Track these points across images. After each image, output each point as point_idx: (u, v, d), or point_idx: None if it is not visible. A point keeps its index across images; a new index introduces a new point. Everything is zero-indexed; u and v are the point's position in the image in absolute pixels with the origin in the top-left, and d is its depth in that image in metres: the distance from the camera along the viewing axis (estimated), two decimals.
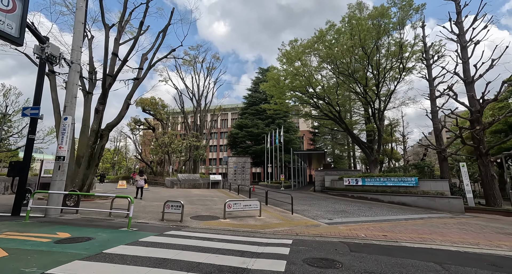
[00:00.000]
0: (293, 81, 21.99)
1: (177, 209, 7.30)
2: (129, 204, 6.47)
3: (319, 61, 20.17)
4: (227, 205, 8.04)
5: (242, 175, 24.62)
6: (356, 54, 19.28)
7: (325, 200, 15.60)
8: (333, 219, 8.77)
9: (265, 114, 47.61)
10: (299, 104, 28.68)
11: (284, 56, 19.99)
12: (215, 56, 30.85)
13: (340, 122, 24.18)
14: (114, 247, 4.13)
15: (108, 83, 11.73)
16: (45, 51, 6.65)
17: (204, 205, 11.09)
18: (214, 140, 72.40)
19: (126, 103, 12.98)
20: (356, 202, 15.07)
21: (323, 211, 10.74)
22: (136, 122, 27.76)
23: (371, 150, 23.65)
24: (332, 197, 18.09)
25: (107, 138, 12.57)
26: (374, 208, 12.45)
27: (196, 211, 9.30)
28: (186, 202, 12.00)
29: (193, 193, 17.01)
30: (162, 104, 29.70)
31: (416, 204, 14.33)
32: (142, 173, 14.01)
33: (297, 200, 14.79)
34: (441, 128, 20.71)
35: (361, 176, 19.07)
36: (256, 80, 52.91)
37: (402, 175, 16.78)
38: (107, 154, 65.78)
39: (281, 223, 7.57)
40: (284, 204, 12.21)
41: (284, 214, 9.43)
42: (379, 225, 7.81)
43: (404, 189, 15.70)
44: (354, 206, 12.72)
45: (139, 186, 13.03)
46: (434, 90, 21.48)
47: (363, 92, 21.50)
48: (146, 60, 13.91)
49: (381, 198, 16.36)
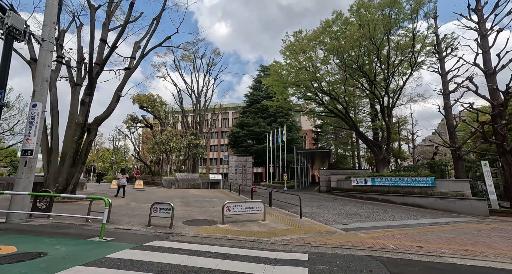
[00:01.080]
0: (297, 75, 20.80)
1: (167, 212, 6.13)
2: (109, 207, 5.29)
3: (325, 54, 18.96)
4: (226, 207, 6.87)
5: (243, 174, 23.45)
6: (365, 46, 18.07)
7: (333, 202, 14.40)
8: (348, 224, 7.58)
9: (267, 113, 46.45)
10: (303, 101, 27.49)
11: (288, 49, 18.79)
12: (215, 51, 29.77)
13: (346, 119, 22.96)
14: (63, 271, 2.97)
15: (96, 71, 10.60)
16: (5, 23, 5.50)
17: (201, 207, 9.92)
18: (215, 139, 71.34)
19: (116, 95, 11.84)
20: (367, 204, 13.85)
21: (335, 214, 9.55)
22: (133, 120, 26.62)
23: (379, 149, 22.43)
24: (340, 198, 16.88)
25: (95, 133, 11.43)
26: (389, 210, 11.24)
27: (191, 214, 8.13)
28: (181, 203, 10.84)
29: (190, 194, 15.86)
30: (160, 101, 28.56)
31: (433, 206, 13.10)
32: (124, 171, 13.79)
33: (303, 201, 13.59)
34: (455, 125, 19.49)
35: (371, 176, 17.85)
36: (257, 78, 51.76)
37: (416, 174, 15.55)
38: (106, 153, 64.91)
39: (290, 230, 6.39)
40: (290, 206, 11.03)
41: (291, 217, 8.25)
42: (404, 232, 6.62)
43: (418, 189, 14.48)
44: (366, 208, 11.51)
45: (121, 185, 12.76)
46: (447, 85, 20.27)
47: (370, 88, 20.29)
48: (139, 49, 12.78)
49: (393, 199, 15.14)
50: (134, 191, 16.99)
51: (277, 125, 39.99)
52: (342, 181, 20.83)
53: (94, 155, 59.20)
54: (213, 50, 30.09)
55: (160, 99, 28.67)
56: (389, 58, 17.89)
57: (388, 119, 21.31)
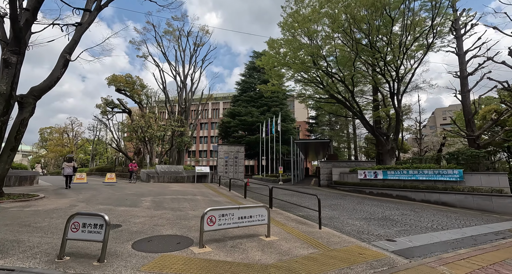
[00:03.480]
0: (296, 54, 17.96)
1: (95, 233, 3.36)
2: None
3: (332, 26, 16.18)
4: (207, 219, 4.17)
5: (234, 167, 20.74)
6: (379, 16, 15.41)
7: (344, 199, 11.98)
8: (394, 238, 5.07)
9: (260, 102, 43.58)
10: (300, 87, 24.79)
11: (290, 16, 15.78)
12: (203, 29, 26.28)
13: (350, 105, 20.51)
14: None
15: (24, 21, 7.45)
16: None
17: (176, 211, 7.18)
18: (204, 130, 68.18)
19: (63, 59, 8.70)
20: (383, 202, 11.50)
21: (359, 219, 7.05)
22: (108, 104, 23.16)
23: (386, 138, 20.21)
24: (349, 194, 14.52)
25: (32, 109, 8.33)
26: (420, 211, 8.89)
27: (156, 225, 5.38)
28: (150, 205, 8.05)
29: (170, 190, 13.05)
30: (141, 83, 25.08)
31: (462, 205, 10.91)
32: (71, 159, 12.21)
33: (307, 199, 11.11)
34: (473, 112, 17.40)
35: (381, 168, 15.57)
36: (250, 64, 48.58)
37: (438, 166, 13.33)
38: (86, 144, 60.47)
39: (316, 257, 3.78)
40: (295, 207, 8.47)
41: (306, 228, 5.65)
42: (485, 254, 4.17)
43: (442, 184, 12.27)
44: (390, 209, 9.12)
45: (67, 174, 11.53)
46: (465, 66, 18.05)
47: (380, 69, 17.78)
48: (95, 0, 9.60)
49: (412, 195, 12.91)
50: (101, 186, 13.99)
51: (270, 115, 37.30)
52: (346, 174, 18.53)
53: (72, 145, 54.84)
54: (201, 27, 26.61)
55: (141, 81, 25.22)
56: (407, 31, 15.33)
57: (398, 105, 19.02)
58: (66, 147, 53.69)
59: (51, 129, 62.51)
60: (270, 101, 43.11)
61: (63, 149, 52.52)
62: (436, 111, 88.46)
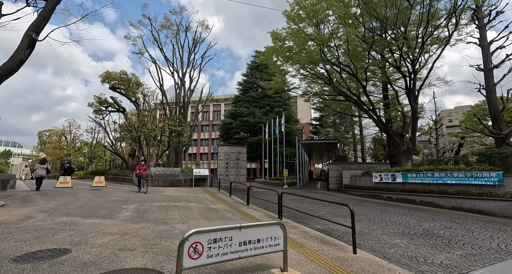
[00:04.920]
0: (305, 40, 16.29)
1: None
2: None
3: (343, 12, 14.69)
4: (189, 248, 2.58)
5: (236, 169, 19.12)
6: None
7: (362, 206, 10.31)
8: (469, 273, 3.45)
9: (263, 102, 42.07)
10: (307, 84, 23.24)
11: (297, 3, 14.25)
12: (202, 24, 24.89)
13: (361, 102, 18.92)
14: None
15: None
16: None
17: (160, 224, 5.58)
18: (206, 133, 66.79)
19: (27, 38, 7.22)
20: (409, 209, 9.82)
21: (396, 235, 5.42)
22: (102, 103, 21.72)
23: (401, 138, 18.58)
24: (365, 200, 12.83)
25: None
26: (463, 223, 7.22)
27: (120, 250, 3.78)
28: (131, 214, 6.45)
29: (162, 195, 11.46)
30: (136, 81, 23.67)
31: (504, 213, 9.20)
32: (45, 161, 11.62)
33: (319, 206, 9.47)
34: (501, 109, 15.73)
35: (401, 171, 13.89)
36: (252, 64, 47.28)
37: (470, 168, 11.63)
38: (84, 147, 59.07)
39: None
40: (309, 217, 6.85)
41: (334, 251, 4.04)
42: None
43: (476, 189, 10.58)
44: (426, 219, 7.44)
45: (38, 176, 11.26)
46: (490, 57, 16.44)
47: (396, 60, 16.24)
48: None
49: (439, 202, 11.21)
50: (84, 190, 12.39)
51: (273, 116, 35.75)
52: (359, 177, 16.86)
53: (70, 148, 53.50)
54: (200, 22, 25.23)
55: (137, 79, 23.81)
56: (429, 17, 13.78)
57: (415, 101, 17.41)
58: (64, 150, 52.41)
59: (50, 131, 61.37)
60: (273, 101, 41.64)
61: (61, 152, 51.21)
62: (442, 113, 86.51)
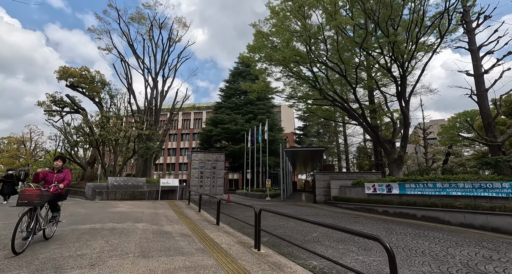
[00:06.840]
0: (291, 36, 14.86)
1: None
2: None
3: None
4: None
5: (212, 179, 16.73)
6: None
7: (359, 223, 8.41)
8: None
9: (246, 108, 40.32)
10: (291, 88, 21.80)
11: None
12: (180, 21, 22.90)
13: (349, 107, 17.61)
14: None
15: None
16: None
17: (50, 271, 3.22)
18: (186, 141, 63.58)
19: None
20: (416, 227, 8.05)
21: None
22: (56, 102, 18.56)
23: (391, 146, 17.33)
24: (360, 215, 10.96)
25: None
26: (496, 248, 5.49)
27: None
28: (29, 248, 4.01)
29: (109, 211, 8.90)
30: (101, 79, 20.92)
31: None
32: None
33: (308, 224, 7.44)
34: (495, 115, 14.95)
35: (397, 181, 12.35)
36: (234, 70, 45.90)
37: (477, 177, 10.25)
38: (47, 156, 53.28)
39: None
40: (298, 247, 4.79)
41: None
42: None
43: (486, 202, 9.13)
44: (450, 244, 5.63)
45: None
46: (480, 62, 15.85)
47: (387, 62, 15.19)
48: None
49: (444, 217, 9.62)
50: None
51: (257, 123, 33.97)
52: (348, 188, 15.16)
53: (29, 157, 47.89)
54: (178, 19, 23.21)
55: (102, 77, 21.10)
56: (422, 17, 12.83)
57: (406, 106, 16.35)
58: (22, 159, 46.78)
59: (9, 139, 55.12)
60: (256, 108, 40.07)
61: (18, 162, 45.60)
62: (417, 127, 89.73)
